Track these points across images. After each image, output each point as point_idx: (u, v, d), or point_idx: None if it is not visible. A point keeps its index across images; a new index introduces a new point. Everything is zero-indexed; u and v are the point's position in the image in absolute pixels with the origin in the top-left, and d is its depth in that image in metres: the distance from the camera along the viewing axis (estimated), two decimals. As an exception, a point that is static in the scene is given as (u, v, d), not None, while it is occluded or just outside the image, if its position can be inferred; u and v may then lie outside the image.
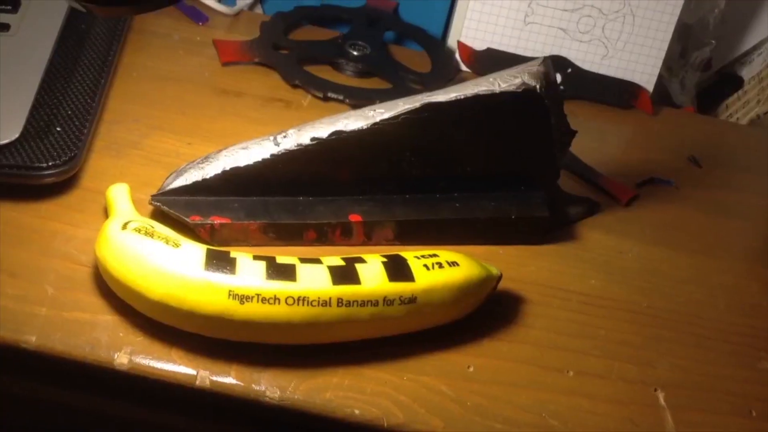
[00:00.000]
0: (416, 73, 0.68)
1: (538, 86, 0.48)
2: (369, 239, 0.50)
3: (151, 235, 0.42)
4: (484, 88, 0.48)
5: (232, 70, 0.64)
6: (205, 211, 0.48)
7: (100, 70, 0.57)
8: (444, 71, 0.68)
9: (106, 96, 0.57)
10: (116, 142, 0.54)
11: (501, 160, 0.52)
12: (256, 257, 0.42)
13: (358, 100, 0.63)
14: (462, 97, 0.48)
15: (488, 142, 0.51)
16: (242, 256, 0.42)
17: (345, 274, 0.42)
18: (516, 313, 0.48)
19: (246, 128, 0.58)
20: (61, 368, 0.41)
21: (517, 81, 0.48)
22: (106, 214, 0.48)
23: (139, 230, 0.42)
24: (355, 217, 0.50)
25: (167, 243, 0.41)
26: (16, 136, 0.48)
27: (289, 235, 0.49)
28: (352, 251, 0.49)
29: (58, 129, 0.50)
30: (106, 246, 0.42)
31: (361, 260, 0.43)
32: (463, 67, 0.70)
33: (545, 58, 0.49)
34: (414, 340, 0.44)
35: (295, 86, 0.64)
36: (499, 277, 0.46)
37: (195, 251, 0.41)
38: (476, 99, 0.48)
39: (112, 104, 0.57)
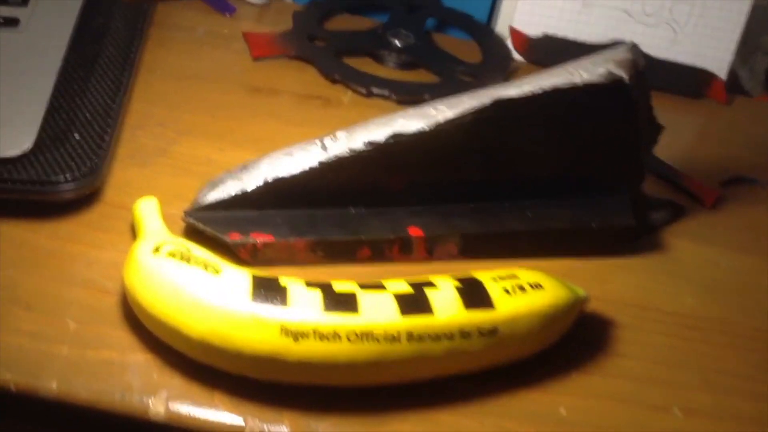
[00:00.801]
0: (466, 64, 0.61)
1: (626, 77, 0.41)
2: (430, 255, 0.44)
3: (188, 260, 0.36)
4: (563, 80, 0.42)
5: (264, 65, 0.58)
6: (245, 227, 0.42)
7: (121, 68, 0.51)
8: (497, 61, 0.62)
9: (129, 98, 0.51)
10: (141, 149, 0.48)
11: (578, 161, 0.45)
12: (309, 284, 0.36)
13: (405, 95, 0.57)
14: (539, 91, 0.42)
15: (565, 142, 0.44)
16: (294, 284, 0.36)
17: (414, 302, 0.36)
18: (605, 340, 0.42)
19: (282, 130, 0.52)
20: (87, 417, 0.36)
21: (602, 71, 0.42)
22: (133, 233, 0.42)
23: (173, 254, 0.36)
24: (415, 231, 0.44)
25: (206, 269, 0.36)
26: (29, 146, 0.43)
27: (341, 254, 0.43)
28: (413, 270, 0.43)
29: (77, 136, 0.44)
30: (136, 274, 0.36)
31: (430, 285, 0.37)
32: (516, 56, 0.64)
33: (633, 45, 0.43)
34: (493, 377, 0.38)
35: (334, 81, 0.57)
36: (586, 300, 0.40)
37: (239, 279, 0.35)
38: (554, 93, 0.42)
39: (135, 107, 0.51)
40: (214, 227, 0.41)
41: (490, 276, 0.38)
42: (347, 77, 0.57)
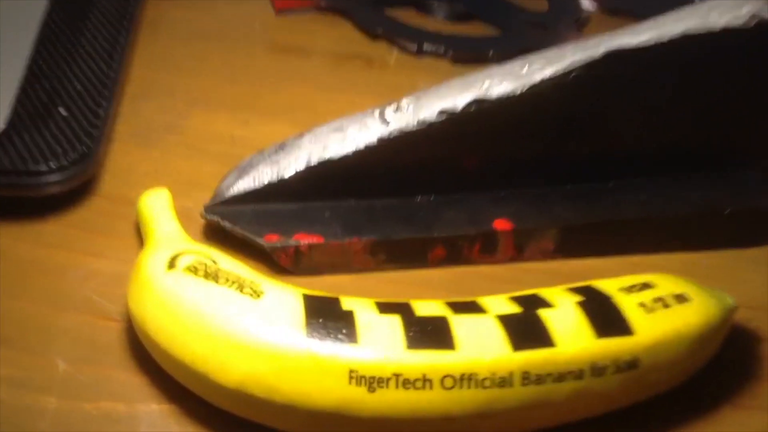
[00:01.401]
0: (530, 13, 0.51)
1: (781, 17, 0.32)
2: (519, 254, 0.35)
3: (215, 278, 0.26)
4: (695, 24, 0.32)
5: (291, 20, 0.48)
6: (285, 225, 0.32)
7: (118, 26, 0.41)
8: (568, 9, 0.52)
9: (129, 62, 0.41)
10: (146, 125, 0.39)
11: (706, 128, 0.35)
12: (381, 307, 0.27)
13: (464, 52, 0.46)
14: (665, 39, 0.32)
15: (690, 104, 0.35)
16: (362, 308, 0.26)
17: (527, 329, 0.26)
18: (756, 360, 0.32)
19: (318, 97, 0.43)
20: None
21: (746, 11, 0.32)
22: (139, 236, 0.32)
23: (195, 269, 0.27)
24: (502, 224, 0.34)
25: (241, 290, 0.26)
26: (2, 126, 0.33)
27: (408, 256, 0.33)
28: (497, 273, 0.34)
29: (63, 112, 0.35)
30: (145, 298, 0.27)
31: (542, 302, 0.27)
32: (584, 3, 0.54)
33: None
34: (623, 417, 0.29)
35: (375, 37, 0.47)
36: (735, 309, 0.31)
37: (287, 302, 0.26)
38: (684, 41, 0.32)
39: (137, 73, 0.41)
40: (244, 226, 0.32)
41: (617, 286, 0.29)
42: (392, 31, 0.47)
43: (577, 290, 0.28)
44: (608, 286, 0.29)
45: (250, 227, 0.32)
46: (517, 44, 0.47)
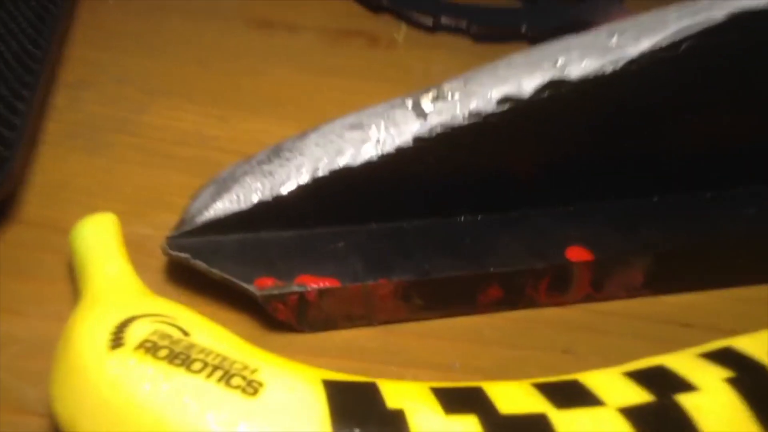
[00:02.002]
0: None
1: None
2: (598, 291, 0.26)
3: (186, 362, 0.17)
4: None
5: (273, -12, 0.39)
6: (283, 263, 0.23)
7: (49, -9, 0.31)
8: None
9: (64, 39, 0.32)
10: (87, 123, 0.29)
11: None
12: (444, 399, 0.17)
13: (489, 27, 0.38)
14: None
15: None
16: (414, 403, 0.17)
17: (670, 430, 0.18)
18: None
19: (312, 85, 0.33)
20: None
21: None
22: (73, 281, 0.23)
23: (154, 348, 0.17)
24: (578, 254, 0.25)
25: (228, 382, 0.17)
26: None
27: (452, 299, 0.24)
28: (568, 317, 0.25)
29: (-32, 105, 0.25)
30: (76, 394, 0.17)
31: (678, 382, 0.18)
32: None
33: None
34: None
35: (378, 9, 0.38)
36: None
37: (300, 400, 0.17)
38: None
39: (77, 53, 0.32)
40: (225, 266, 0.22)
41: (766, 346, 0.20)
42: (400, 3, 0.38)
43: (715, 357, 0.19)
44: (754, 346, 0.20)
45: (233, 267, 0.22)
46: (555, 18, 0.38)
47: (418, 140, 0.23)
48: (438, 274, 0.24)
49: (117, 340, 0.18)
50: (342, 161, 0.23)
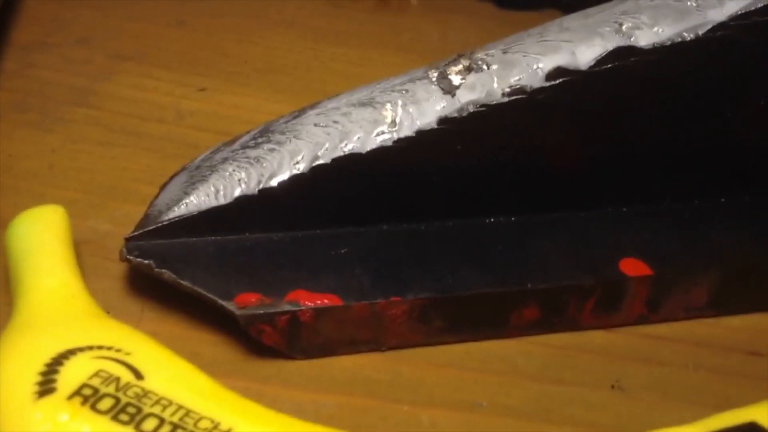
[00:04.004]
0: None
1: None
2: (653, 312, 0.21)
3: (137, 420, 0.12)
4: None
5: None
6: (271, 274, 0.18)
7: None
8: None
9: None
10: (39, 92, 0.25)
11: None
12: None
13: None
14: None
15: None
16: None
17: None
18: None
19: (311, 52, 0.29)
20: None
21: None
22: (8, 294, 0.18)
23: (94, 396, 0.13)
24: (634, 267, 0.20)
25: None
26: None
27: (480, 320, 0.20)
28: (620, 344, 0.21)
29: None
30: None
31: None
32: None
33: None
34: None
35: (389, -30, 0.34)
36: None
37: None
38: None
39: (32, 8, 0.27)
40: (198, 277, 0.18)
41: None
42: (413, -39, 0.33)
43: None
44: None
45: (208, 279, 0.18)
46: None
47: (444, 122, 0.18)
48: (463, 290, 0.19)
49: (47, 383, 0.13)
50: (347, 147, 0.18)
